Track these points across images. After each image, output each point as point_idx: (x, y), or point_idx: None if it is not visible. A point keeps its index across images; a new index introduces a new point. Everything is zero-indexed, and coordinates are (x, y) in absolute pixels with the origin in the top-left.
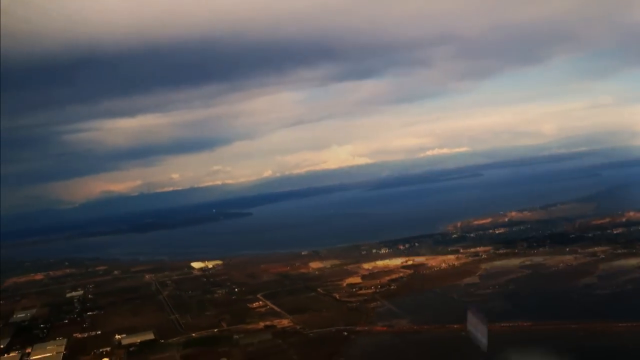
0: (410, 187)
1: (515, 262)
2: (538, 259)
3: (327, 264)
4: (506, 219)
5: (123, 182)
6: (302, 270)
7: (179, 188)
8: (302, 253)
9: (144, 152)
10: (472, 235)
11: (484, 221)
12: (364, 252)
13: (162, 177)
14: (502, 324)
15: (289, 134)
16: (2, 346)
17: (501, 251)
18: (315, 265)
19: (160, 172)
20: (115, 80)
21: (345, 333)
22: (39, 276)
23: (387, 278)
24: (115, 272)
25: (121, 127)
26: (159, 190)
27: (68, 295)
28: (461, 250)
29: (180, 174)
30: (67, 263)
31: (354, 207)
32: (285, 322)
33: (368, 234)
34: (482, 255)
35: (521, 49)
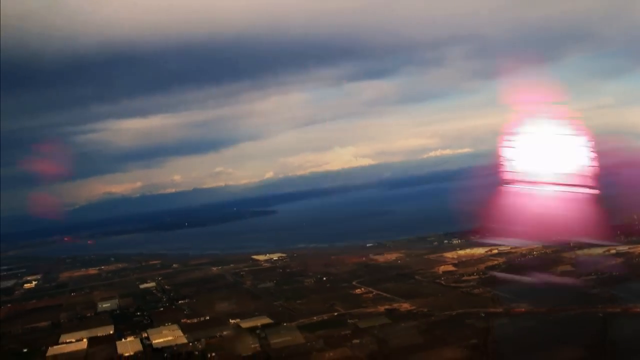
0: (429, 186)
1: (598, 251)
2: (622, 248)
3: (402, 254)
4: None
5: (124, 184)
6: (381, 260)
7: (182, 190)
8: (367, 245)
9: (149, 154)
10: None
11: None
12: (435, 243)
13: (163, 178)
14: None
15: (296, 135)
16: (111, 332)
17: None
18: (391, 255)
19: (162, 173)
20: (130, 80)
21: (482, 314)
22: (92, 271)
23: (483, 266)
24: (174, 265)
25: (131, 128)
26: (161, 191)
27: (142, 286)
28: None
29: (182, 176)
30: (112, 259)
31: (381, 205)
32: (406, 306)
33: (422, 226)
34: (570, 244)
35: (533, 48)
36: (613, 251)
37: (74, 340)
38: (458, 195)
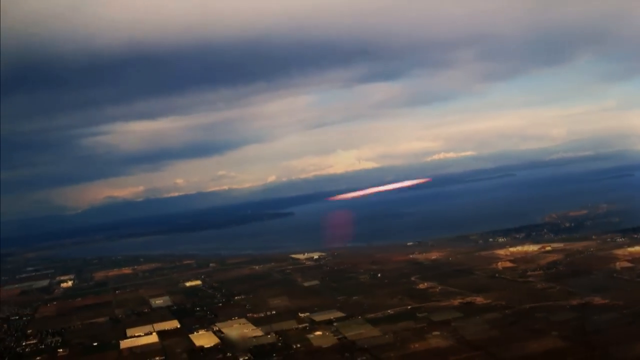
0: (446, 188)
1: None
2: None
3: (450, 251)
4: (604, 210)
5: (126, 188)
6: (431, 258)
7: (185, 193)
8: (408, 243)
9: (152, 157)
10: (587, 223)
11: (580, 212)
12: (480, 241)
13: (166, 182)
14: None
15: (300, 138)
16: (177, 326)
17: (628, 238)
18: (439, 253)
19: (164, 177)
20: (136, 83)
21: (568, 307)
22: (126, 270)
23: (543, 262)
24: (211, 264)
25: (136, 131)
26: (164, 195)
27: (187, 284)
28: (594, 237)
29: (185, 179)
30: (142, 259)
31: (395, 207)
32: (480, 299)
33: (458, 226)
34: (619, 239)
35: (542, 51)
36: None
37: (142, 334)
38: (469, 197)
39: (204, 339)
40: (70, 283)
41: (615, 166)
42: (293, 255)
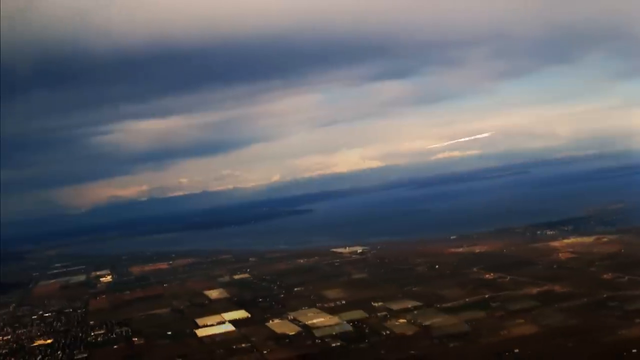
0: (459, 185)
1: None
2: None
3: (501, 244)
4: None
5: (130, 187)
6: (483, 250)
7: (189, 192)
8: (451, 237)
9: (158, 156)
10: (631, 216)
11: (617, 206)
12: (527, 234)
13: (170, 181)
14: None
15: (305, 136)
16: (247, 316)
17: None
18: (489, 245)
19: (168, 176)
20: (149, 82)
21: None
22: (162, 265)
23: (605, 252)
24: (251, 259)
25: (143, 130)
26: (169, 194)
27: (236, 277)
28: None
29: (189, 178)
30: (174, 255)
31: (410, 205)
32: (557, 288)
33: (490, 221)
34: None
35: (552, 49)
36: None
37: (214, 323)
38: (488, 194)
39: (283, 327)
40: (109, 277)
41: (622, 164)
42: (334, 250)
